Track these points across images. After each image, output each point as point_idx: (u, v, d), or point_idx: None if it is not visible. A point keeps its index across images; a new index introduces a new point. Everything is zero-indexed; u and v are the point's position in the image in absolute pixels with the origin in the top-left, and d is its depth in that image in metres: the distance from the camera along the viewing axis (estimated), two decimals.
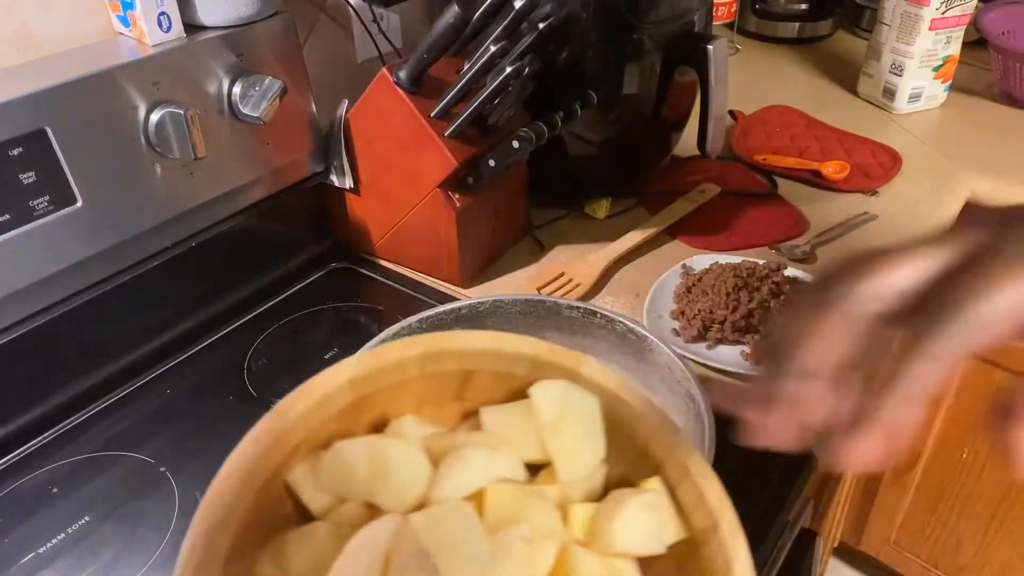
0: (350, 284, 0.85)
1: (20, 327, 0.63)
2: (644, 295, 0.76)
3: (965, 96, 1.19)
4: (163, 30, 0.66)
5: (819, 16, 1.39)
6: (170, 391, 0.71)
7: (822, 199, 0.95)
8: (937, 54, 1.11)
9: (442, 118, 0.73)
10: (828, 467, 0.27)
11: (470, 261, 0.81)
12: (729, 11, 1.42)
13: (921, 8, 1.06)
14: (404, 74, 0.72)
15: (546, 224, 0.90)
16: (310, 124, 0.80)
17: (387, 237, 0.84)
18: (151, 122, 0.64)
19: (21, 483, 0.62)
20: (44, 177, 0.60)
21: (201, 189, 0.72)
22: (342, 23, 0.90)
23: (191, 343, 0.76)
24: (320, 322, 0.79)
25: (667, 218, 0.88)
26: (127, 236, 0.67)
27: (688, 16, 0.84)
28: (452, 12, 0.67)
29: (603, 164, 0.91)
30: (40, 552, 0.56)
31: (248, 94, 0.70)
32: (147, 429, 0.67)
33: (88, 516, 0.59)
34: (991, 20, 1.16)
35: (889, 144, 1.05)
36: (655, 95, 0.86)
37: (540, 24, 0.69)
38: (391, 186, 0.79)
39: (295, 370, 0.72)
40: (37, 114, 0.58)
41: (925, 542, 1.30)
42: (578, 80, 0.81)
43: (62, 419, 0.67)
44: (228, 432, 0.70)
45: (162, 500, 0.60)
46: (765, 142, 1.07)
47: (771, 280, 0.73)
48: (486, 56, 0.68)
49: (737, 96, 1.16)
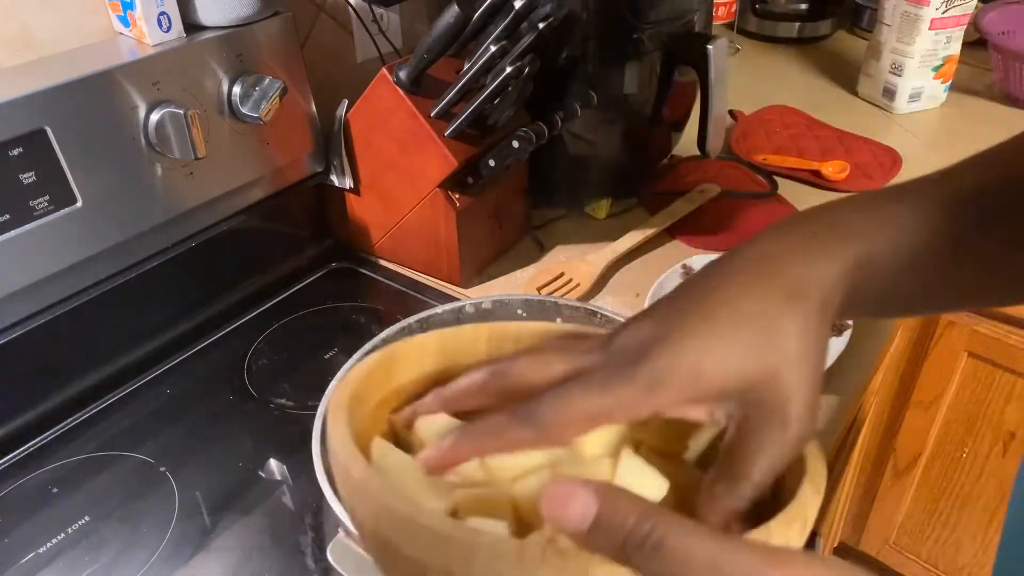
0: (350, 284, 0.85)
1: (20, 327, 0.63)
2: (644, 295, 0.76)
3: (965, 96, 1.19)
4: (163, 30, 0.66)
5: (819, 16, 1.38)
6: (170, 391, 0.71)
7: (822, 199, 0.94)
8: (937, 54, 1.11)
9: (442, 118, 0.73)
10: None
11: (470, 261, 0.81)
12: (729, 11, 1.42)
13: (921, 8, 1.06)
14: (404, 74, 0.72)
15: (546, 224, 0.90)
16: (310, 124, 0.80)
17: (387, 237, 0.84)
18: (151, 122, 0.64)
19: (21, 483, 0.62)
20: (44, 177, 0.60)
21: (201, 189, 0.72)
22: (342, 23, 0.90)
23: (191, 343, 0.76)
24: (320, 322, 0.79)
25: (667, 218, 0.88)
26: (127, 236, 0.67)
27: (688, 16, 0.84)
28: (452, 12, 0.67)
29: (603, 164, 0.91)
30: (40, 552, 0.56)
31: (248, 94, 0.70)
32: (147, 429, 0.67)
33: (88, 516, 0.59)
34: (991, 20, 1.16)
35: (889, 144, 1.05)
36: (655, 95, 0.86)
37: (540, 24, 0.69)
38: (391, 186, 0.79)
39: (295, 370, 0.72)
40: (37, 114, 0.58)
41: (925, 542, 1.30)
42: (578, 80, 0.81)
43: (62, 419, 0.67)
44: (228, 432, 0.71)
45: (162, 500, 0.60)
46: (765, 142, 1.07)
47: None
48: (486, 56, 0.68)
49: (737, 96, 1.15)
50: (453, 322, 0.61)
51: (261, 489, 0.61)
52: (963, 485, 1.20)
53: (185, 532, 0.57)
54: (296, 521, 0.58)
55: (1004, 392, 1.04)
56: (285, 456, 0.64)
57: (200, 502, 0.60)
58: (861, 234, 0.32)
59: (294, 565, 0.55)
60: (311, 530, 0.57)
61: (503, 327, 0.37)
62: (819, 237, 0.31)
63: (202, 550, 0.56)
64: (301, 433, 0.51)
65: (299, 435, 0.62)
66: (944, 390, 1.15)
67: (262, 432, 0.66)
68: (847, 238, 0.31)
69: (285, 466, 0.63)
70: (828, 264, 0.30)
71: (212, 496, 0.60)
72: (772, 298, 0.29)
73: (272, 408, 0.68)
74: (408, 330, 0.59)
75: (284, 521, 0.58)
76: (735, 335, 0.28)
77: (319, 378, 0.60)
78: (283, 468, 0.63)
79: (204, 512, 0.59)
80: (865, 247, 0.31)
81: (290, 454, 0.63)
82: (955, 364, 1.12)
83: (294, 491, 0.61)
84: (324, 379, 0.53)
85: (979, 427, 1.11)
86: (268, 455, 0.64)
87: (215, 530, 0.57)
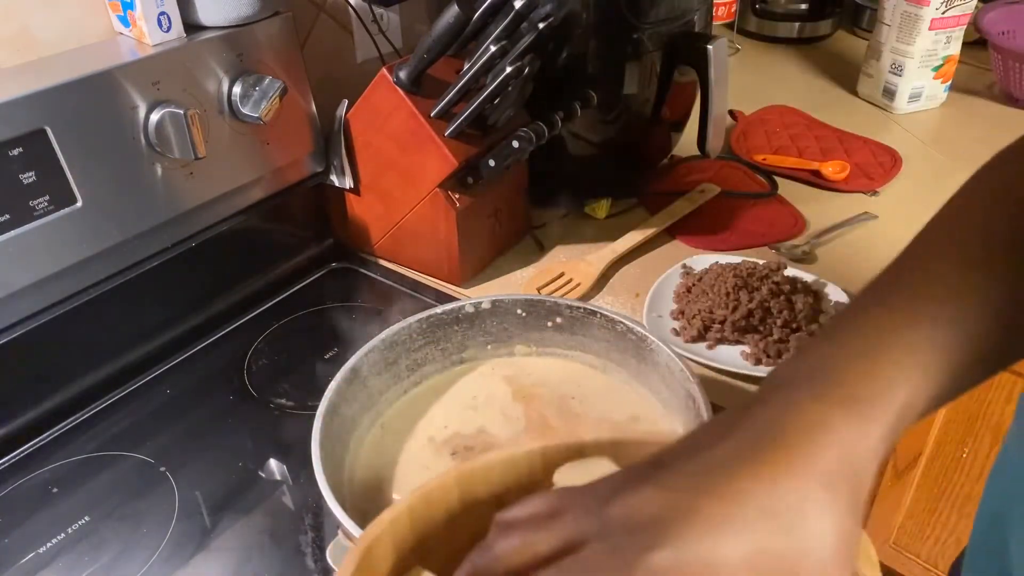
0: (350, 284, 0.85)
1: (20, 327, 0.63)
2: (644, 295, 0.76)
3: (965, 96, 1.19)
4: (163, 30, 0.66)
5: (819, 16, 1.38)
6: (170, 391, 0.71)
7: (822, 199, 0.95)
8: (937, 54, 1.11)
9: (442, 118, 0.73)
10: None
11: (470, 261, 0.81)
12: (729, 11, 1.42)
13: (921, 8, 1.06)
14: (404, 74, 0.72)
15: (546, 224, 0.90)
16: (310, 124, 0.80)
17: (387, 237, 0.84)
18: (151, 122, 0.64)
19: (21, 483, 0.62)
20: (44, 177, 0.60)
21: (201, 189, 0.72)
22: (342, 23, 0.90)
23: (191, 343, 0.76)
24: (320, 322, 0.79)
25: (667, 218, 0.88)
26: (127, 236, 0.67)
27: (688, 16, 0.84)
28: (452, 12, 0.67)
29: (603, 164, 0.91)
30: (40, 552, 0.56)
31: (248, 94, 0.70)
32: (147, 429, 0.67)
33: (88, 516, 0.59)
34: (991, 20, 1.16)
35: (889, 144, 1.05)
36: (655, 95, 0.86)
37: (540, 24, 0.69)
38: (391, 186, 0.79)
39: (295, 370, 0.72)
40: (37, 114, 0.58)
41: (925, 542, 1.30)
42: (578, 80, 0.81)
43: (62, 419, 0.67)
44: (228, 432, 0.71)
45: (162, 500, 0.60)
46: (765, 142, 1.07)
47: (771, 280, 0.73)
48: (486, 56, 0.68)
49: (737, 96, 1.15)
50: (453, 322, 0.61)
51: (261, 489, 0.61)
52: (963, 485, 1.20)
53: (185, 532, 0.57)
54: (296, 521, 0.58)
55: (1004, 392, 1.04)
56: (285, 456, 0.64)
57: (200, 502, 0.60)
58: (898, 383, 0.28)
59: (294, 565, 0.55)
60: (311, 530, 0.57)
61: (470, 469, 0.36)
62: (853, 403, 0.27)
63: (202, 550, 0.56)
64: (301, 433, 0.51)
65: (299, 435, 0.62)
66: None
67: (262, 432, 0.66)
68: (883, 395, 0.27)
69: (285, 466, 0.63)
70: (865, 437, 0.26)
71: (212, 496, 0.60)
72: (806, 488, 0.25)
73: (272, 408, 0.68)
74: (408, 330, 0.59)
75: (284, 521, 0.58)
76: (756, 528, 0.24)
77: (319, 378, 0.60)
78: (283, 468, 0.63)
79: (204, 512, 0.59)
80: (903, 396, 0.28)
81: (290, 454, 0.63)
82: None
83: (294, 491, 0.61)
84: (324, 379, 0.54)
85: (979, 427, 1.11)
86: (268, 455, 0.64)
87: (215, 530, 0.57)
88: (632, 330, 0.58)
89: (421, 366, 0.61)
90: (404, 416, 0.58)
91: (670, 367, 0.55)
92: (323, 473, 0.47)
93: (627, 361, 0.60)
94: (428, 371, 0.61)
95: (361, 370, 0.56)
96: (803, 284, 0.74)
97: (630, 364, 0.59)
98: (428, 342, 0.60)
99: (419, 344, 0.60)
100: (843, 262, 0.83)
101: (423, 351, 0.61)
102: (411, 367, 0.60)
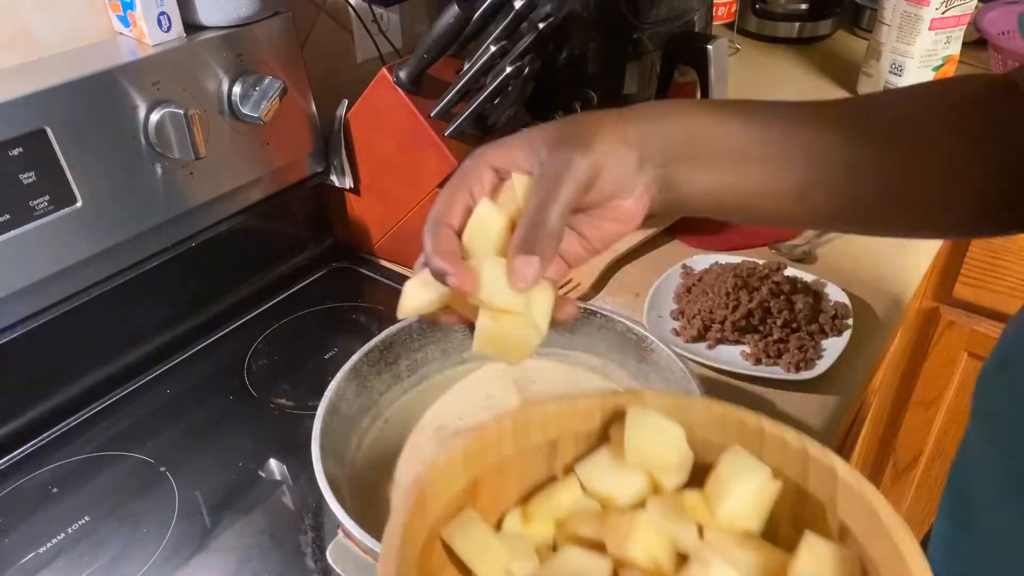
0: (350, 284, 0.85)
1: (20, 327, 0.63)
2: (644, 295, 0.76)
3: None
4: (163, 30, 0.66)
5: (819, 16, 1.38)
6: (170, 391, 0.71)
7: None
8: (937, 54, 1.11)
9: (442, 118, 0.73)
10: None
11: None
12: (729, 11, 1.42)
13: (921, 8, 1.06)
14: (404, 74, 0.72)
15: None
16: (310, 124, 0.80)
17: (387, 237, 0.84)
18: (151, 122, 0.65)
19: (21, 483, 0.62)
20: (44, 177, 0.60)
21: (201, 189, 0.72)
22: (342, 23, 0.90)
23: (191, 343, 0.76)
24: (320, 322, 0.79)
25: (667, 218, 0.88)
26: (127, 236, 0.67)
27: (688, 16, 0.84)
28: (452, 12, 0.67)
29: None
30: (40, 552, 0.56)
31: (248, 94, 0.70)
32: (147, 429, 0.67)
33: (88, 516, 0.59)
34: (991, 20, 1.16)
35: None
36: (655, 95, 0.86)
37: (540, 24, 0.69)
38: (391, 186, 0.79)
39: (295, 370, 0.72)
40: (37, 114, 0.58)
41: None
42: (578, 80, 0.81)
43: (62, 419, 0.67)
44: (228, 432, 0.71)
45: (162, 500, 0.60)
46: None
47: (771, 280, 0.73)
48: (486, 56, 0.68)
49: (737, 96, 1.15)
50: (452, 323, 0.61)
51: (261, 489, 0.61)
52: None
53: (185, 532, 0.57)
54: (296, 521, 0.58)
55: None
56: (285, 456, 0.64)
57: (200, 502, 0.60)
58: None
59: (294, 565, 0.55)
60: (311, 530, 0.57)
61: (526, 417, 0.36)
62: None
63: (202, 550, 0.56)
64: (301, 433, 0.51)
65: (299, 435, 0.62)
66: (944, 390, 1.15)
67: (262, 432, 0.66)
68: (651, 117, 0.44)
69: (285, 466, 0.63)
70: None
71: (212, 496, 0.60)
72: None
73: (272, 408, 0.68)
74: (408, 330, 0.59)
75: (284, 521, 0.58)
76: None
77: (319, 378, 0.60)
78: (283, 468, 0.63)
79: (204, 512, 0.59)
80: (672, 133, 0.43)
81: (290, 454, 0.63)
82: (955, 364, 1.12)
83: (294, 491, 0.61)
84: (324, 379, 0.53)
85: None
86: (268, 455, 0.64)
87: (215, 530, 0.57)
88: (632, 330, 0.58)
89: (421, 366, 0.61)
90: (404, 416, 0.58)
91: (670, 367, 0.55)
92: (323, 473, 0.47)
93: (627, 361, 0.60)
94: (428, 371, 0.61)
95: (361, 370, 0.56)
96: (803, 284, 0.74)
97: (630, 364, 0.59)
98: (428, 342, 0.60)
99: (419, 344, 0.60)
100: (843, 262, 0.83)
101: (423, 351, 0.60)
102: (411, 367, 0.60)
